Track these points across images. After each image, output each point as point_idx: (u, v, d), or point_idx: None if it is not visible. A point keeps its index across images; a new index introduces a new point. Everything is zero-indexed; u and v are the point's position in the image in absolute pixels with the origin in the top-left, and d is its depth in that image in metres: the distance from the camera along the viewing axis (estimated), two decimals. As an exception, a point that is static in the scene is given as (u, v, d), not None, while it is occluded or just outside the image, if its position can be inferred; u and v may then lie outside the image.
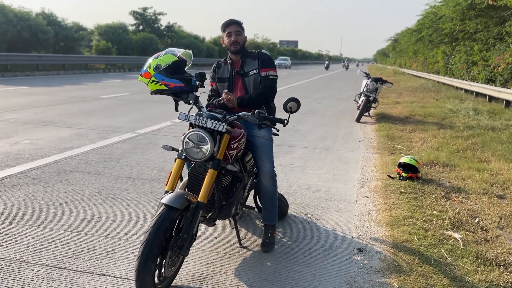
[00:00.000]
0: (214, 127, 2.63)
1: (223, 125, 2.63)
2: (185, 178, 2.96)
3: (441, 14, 26.16)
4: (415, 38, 40.48)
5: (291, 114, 2.92)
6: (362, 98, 10.41)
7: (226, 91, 3.13)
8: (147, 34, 38.64)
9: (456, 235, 3.58)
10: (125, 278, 2.75)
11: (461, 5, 20.70)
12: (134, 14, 43.10)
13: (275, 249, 3.28)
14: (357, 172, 5.60)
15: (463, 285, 2.82)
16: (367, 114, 10.71)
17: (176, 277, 2.73)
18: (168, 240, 2.45)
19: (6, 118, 8.42)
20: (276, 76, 3.28)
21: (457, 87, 21.02)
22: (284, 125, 2.83)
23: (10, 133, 6.98)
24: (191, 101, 2.82)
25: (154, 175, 5.06)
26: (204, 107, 2.91)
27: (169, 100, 2.98)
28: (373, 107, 11.02)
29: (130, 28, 40.57)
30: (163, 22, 45.05)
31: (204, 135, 2.61)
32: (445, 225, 3.78)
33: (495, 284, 2.84)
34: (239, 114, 2.79)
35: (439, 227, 3.74)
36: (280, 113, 3.14)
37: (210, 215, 2.85)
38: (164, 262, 2.47)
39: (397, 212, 4.06)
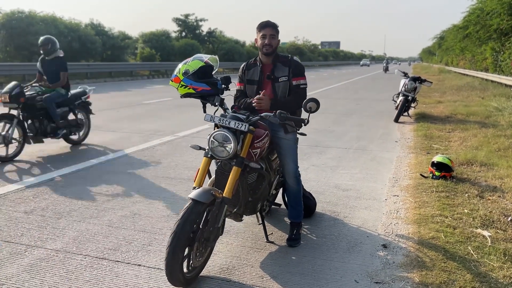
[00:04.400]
0: (237, 127, 2.81)
1: (245, 125, 2.80)
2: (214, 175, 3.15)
3: (488, 10, 25.18)
4: (461, 35, 39.08)
5: (310, 115, 3.02)
6: (400, 97, 10.28)
7: (262, 92, 3.24)
8: (189, 40, 39.67)
9: (485, 232, 3.56)
10: (158, 268, 2.97)
11: (508, -1, 19.88)
12: (177, 21, 44.35)
13: (300, 244, 3.41)
14: (390, 172, 5.61)
15: (486, 281, 2.83)
16: (406, 114, 10.56)
17: (205, 268, 2.92)
18: (195, 232, 2.64)
19: (57, 123, 9.00)
20: (306, 84, 3.38)
21: (506, 85, 20.15)
22: (305, 124, 2.96)
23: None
24: (217, 103, 3.01)
25: (190, 175, 5.30)
26: (230, 108, 3.08)
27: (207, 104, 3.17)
28: (412, 107, 10.85)
29: (173, 34, 41.75)
30: (204, 28, 46.01)
31: (227, 135, 2.79)
32: (474, 223, 3.76)
33: (520, 281, 2.83)
34: (262, 114, 2.95)
35: (468, 225, 3.72)
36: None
37: (235, 210, 3.02)
38: (192, 253, 2.67)
39: (426, 210, 4.07)
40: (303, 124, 2.98)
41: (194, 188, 2.83)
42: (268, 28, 3.28)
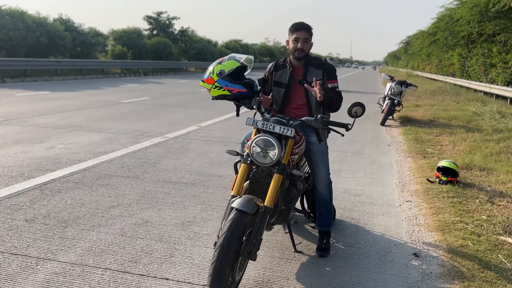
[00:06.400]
0: (282, 132, 2.64)
1: (291, 130, 2.64)
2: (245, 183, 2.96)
3: (457, 17, 25.99)
4: (429, 41, 40.22)
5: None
6: (387, 101, 10.36)
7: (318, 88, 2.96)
8: (161, 39, 38.88)
9: (510, 240, 3.55)
10: (188, 282, 2.77)
11: (479, 6, 20.54)
12: (148, 19, 43.40)
13: (330, 254, 3.28)
14: (394, 176, 5.58)
15: (529, 291, 2.79)
16: (391, 117, 10.66)
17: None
18: (240, 245, 2.45)
19: (36, 123, 8.52)
20: (338, 87, 3.25)
21: (475, 90, 20.84)
22: (347, 130, 2.83)
23: (43, 138, 7.07)
24: (254, 106, 2.83)
25: (193, 179, 5.08)
26: (266, 112, 2.91)
27: (191, 104, 3.03)
28: (396, 110, 10.96)
29: (144, 33, 40.89)
30: (177, 26, 45.25)
31: (272, 140, 2.62)
32: (496, 230, 3.74)
33: (562, 290, 2.81)
34: (303, 119, 2.80)
35: (491, 232, 3.70)
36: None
37: (273, 220, 2.86)
38: (236, 266, 2.48)
39: (445, 217, 4.03)
40: (345, 129, 2.85)
41: (234, 197, 2.64)
42: (302, 32, 3.10)
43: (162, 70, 34.30)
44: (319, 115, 2.75)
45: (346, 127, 2.80)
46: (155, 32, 43.49)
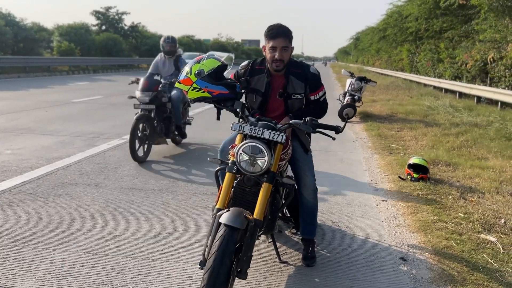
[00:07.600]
0: (272, 137, 2.41)
1: (282, 135, 2.42)
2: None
3: (406, 14, 26.81)
4: (378, 37, 41.35)
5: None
6: (347, 97, 10.37)
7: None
8: (111, 35, 37.40)
9: (491, 238, 3.53)
10: (170, 306, 2.50)
11: (427, 4, 21.24)
12: (96, 14, 41.64)
13: (316, 262, 3.11)
14: (364, 174, 5.52)
15: (521, 293, 2.75)
16: (351, 113, 10.71)
17: (227, 301, 2.51)
18: (232, 264, 2.22)
19: (-22, 126, 7.82)
20: (325, 93, 3.04)
21: (425, 84, 21.54)
22: (338, 133, 2.66)
23: (-13, 143, 6.46)
24: (238, 109, 2.59)
25: (159, 185, 4.76)
26: (251, 115, 2.67)
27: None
28: (357, 106, 11.02)
29: (93, 28, 39.22)
30: (127, 22, 43.77)
31: (261, 147, 2.38)
32: (476, 228, 3.73)
33: (551, 290, 2.79)
34: (291, 122, 2.59)
35: (471, 230, 3.68)
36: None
37: (261, 232, 2.64)
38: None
39: (424, 216, 3.98)
40: (335, 132, 2.67)
41: (219, 210, 2.38)
42: (279, 39, 2.75)
43: (113, 67, 33.00)
44: (307, 118, 2.55)
45: (337, 129, 2.62)
46: (104, 27, 41.81)
